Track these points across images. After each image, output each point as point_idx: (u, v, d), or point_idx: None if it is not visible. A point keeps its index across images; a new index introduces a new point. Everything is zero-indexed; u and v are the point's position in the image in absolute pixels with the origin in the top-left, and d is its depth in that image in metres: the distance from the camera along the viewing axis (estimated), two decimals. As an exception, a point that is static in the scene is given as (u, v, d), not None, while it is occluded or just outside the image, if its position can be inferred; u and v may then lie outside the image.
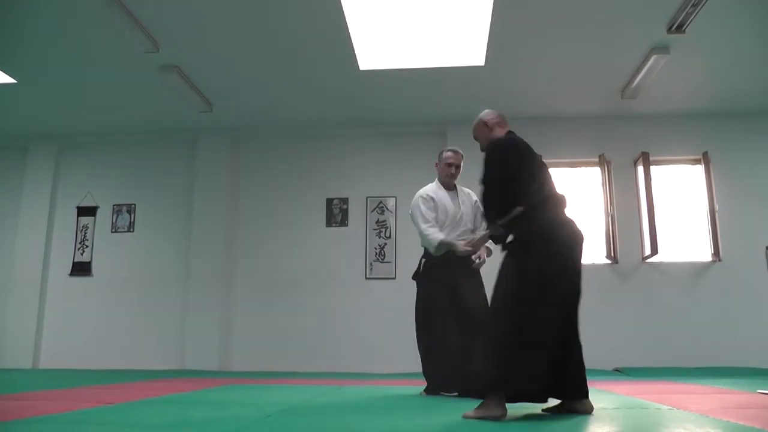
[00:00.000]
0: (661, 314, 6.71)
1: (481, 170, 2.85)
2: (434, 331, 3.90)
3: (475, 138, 3.18)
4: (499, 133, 3.02)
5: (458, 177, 4.14)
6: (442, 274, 3.90)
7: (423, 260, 4.12)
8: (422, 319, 4.05)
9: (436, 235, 3.90)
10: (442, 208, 4.02)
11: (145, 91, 6.64)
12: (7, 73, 6.18)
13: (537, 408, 2.81)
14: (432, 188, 4.15)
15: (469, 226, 4.04)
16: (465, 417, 2.53)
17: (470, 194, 4.13)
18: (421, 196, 4.08)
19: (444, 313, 3.85)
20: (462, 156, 4.14)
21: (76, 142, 8.02)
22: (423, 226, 3.98)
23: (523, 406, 2.80)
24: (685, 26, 5.17)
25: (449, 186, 4.14)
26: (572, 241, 2.74)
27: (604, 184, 7.04)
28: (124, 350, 7.33)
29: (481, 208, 3.39)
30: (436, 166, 4.22)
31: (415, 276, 4.17)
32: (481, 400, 2.55)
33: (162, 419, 2.59)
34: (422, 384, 4.19)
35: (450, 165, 4.10)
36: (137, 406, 3.09)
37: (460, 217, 4.02)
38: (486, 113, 3.14)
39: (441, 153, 4.20)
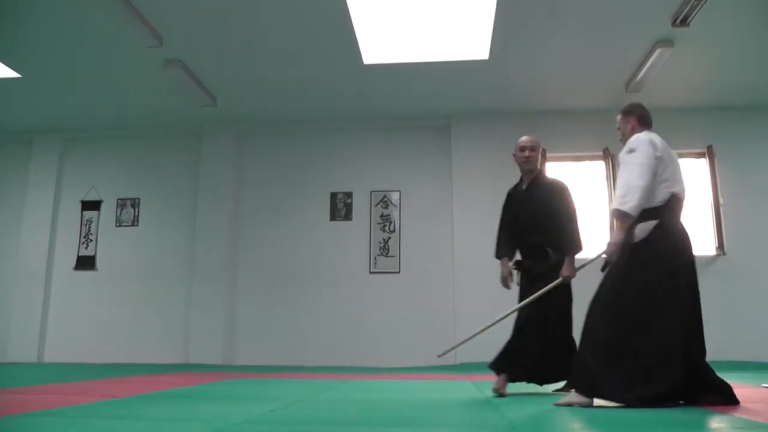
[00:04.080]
0: (664, 308, 6.69)
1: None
2: None
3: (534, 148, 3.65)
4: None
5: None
6: None
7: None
8: None
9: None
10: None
11: (149, 86, 6.65)
12: (11, 68, 6.19)
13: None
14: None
15: None
16: None
17: None
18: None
19: None
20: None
21: (80, 136, 8.03)
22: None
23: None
24: (689, 20, 5.14)
25: None
26: None
27: (608, 178, 7.02)
28: (128, 344, 7.36)
29: None
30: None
31: None
32: None
33: (166, 413, 2.61)
34: (427, 378, 4.19)
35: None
36: (142, 399, 3.11)
37: None
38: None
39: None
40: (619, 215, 2.94)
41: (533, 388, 3.63)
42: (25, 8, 5.06)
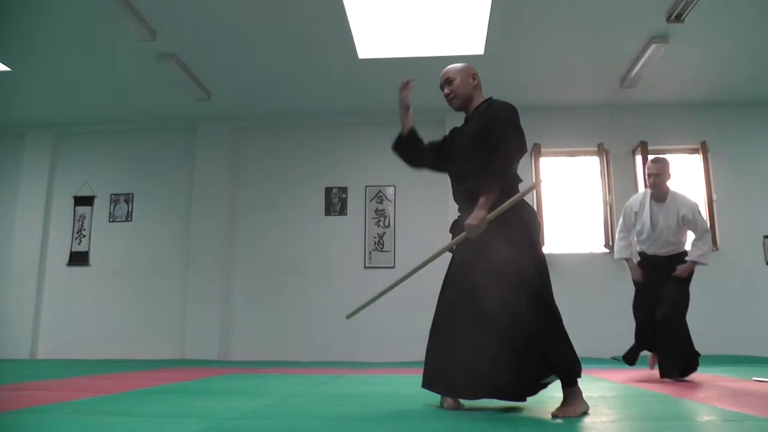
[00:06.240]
0: (658, 303, 6.72)
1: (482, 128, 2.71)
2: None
3: (451, 80, 2.88)
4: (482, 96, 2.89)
5: (665, 186, 4.19)
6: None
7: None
8: None
9: (619, 250, 4.49)
10: (642, 220, 4.23)
11: (143, 80, 6.60)
12: (1, 61, 6.14)
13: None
14: (640, 197, 4.32)
15: (671, 239, 4.15)
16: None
17: (680, 207, 4.11)
18: (627, 206, 4.41)
19: None
20: (663, 163, 4.17)
21: (73, 131, 7.98)
22: (617, 235, 4.52)
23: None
24: (684, 16, 5.15)
25: (657, 197, 4.19)
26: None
27: (602, 173, 7.04)
28: (122, 340, 7.33)
29: (682, 222, 4.10)
30: None
31: None
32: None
33: (162, 408, 2.60)
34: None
35: (649, 176, 4.20)
36: (137, 395, 3.10)
37: (659, 233, 4.16)
38: (473, 67, 2.89)
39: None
40: (699, 265, 4.11)
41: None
42: (15, 1, 5.01)
